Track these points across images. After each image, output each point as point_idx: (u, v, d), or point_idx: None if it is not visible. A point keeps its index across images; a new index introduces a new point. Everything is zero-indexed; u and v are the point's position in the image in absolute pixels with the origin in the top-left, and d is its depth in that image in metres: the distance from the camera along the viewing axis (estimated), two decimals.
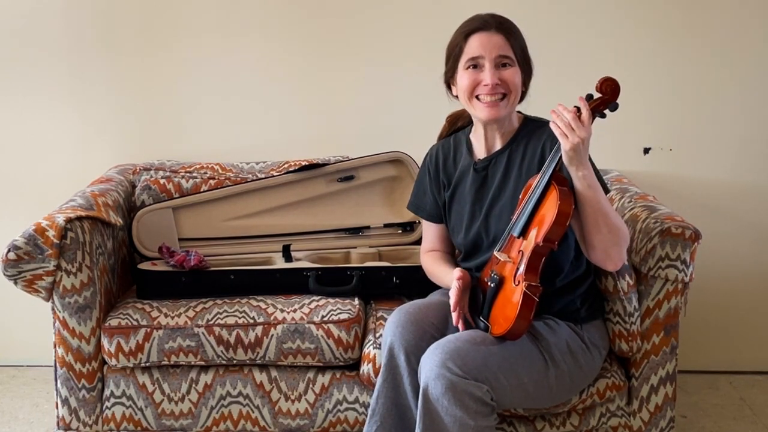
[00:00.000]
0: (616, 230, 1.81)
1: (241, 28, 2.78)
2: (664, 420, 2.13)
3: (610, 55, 2.75)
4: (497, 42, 1.92)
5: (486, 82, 1.91)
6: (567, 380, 1.92)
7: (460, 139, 2.11)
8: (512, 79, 1.92)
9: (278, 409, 2.18)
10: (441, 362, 1.76)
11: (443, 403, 1.75)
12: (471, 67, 1.94)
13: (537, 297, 1.77)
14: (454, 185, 2.08)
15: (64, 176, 2.80)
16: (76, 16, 2.78)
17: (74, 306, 2.12)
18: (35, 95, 2.81)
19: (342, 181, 2.59)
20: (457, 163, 2.09)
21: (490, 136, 2.01)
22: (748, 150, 2.79)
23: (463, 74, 1.95)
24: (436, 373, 1.76)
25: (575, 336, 1.95)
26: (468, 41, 1.94)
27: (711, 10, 2.72)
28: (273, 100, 2.82)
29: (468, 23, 1.97)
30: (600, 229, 1.79)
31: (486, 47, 1.92)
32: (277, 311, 2.19)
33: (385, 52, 2.78)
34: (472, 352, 1.78)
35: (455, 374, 1.74)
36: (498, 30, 1.93)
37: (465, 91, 1.95)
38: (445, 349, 1.78)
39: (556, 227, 1.75)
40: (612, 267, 1.87)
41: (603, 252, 1.82)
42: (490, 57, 1.91)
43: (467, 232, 2.03)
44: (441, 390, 1.75)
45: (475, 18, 1.97)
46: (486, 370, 1.78)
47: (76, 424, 2.19)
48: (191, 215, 2.53)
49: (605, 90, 1.78)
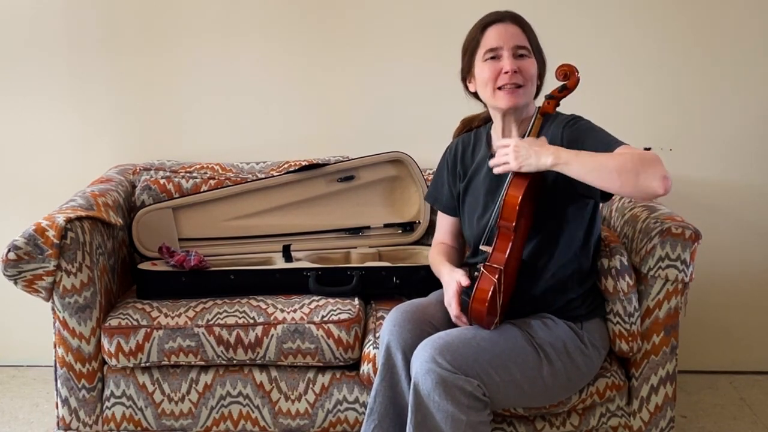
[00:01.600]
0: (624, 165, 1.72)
1: (241, 29, 2.78)
2: (664, 420, 2.13)
3: (610, 55, 2.75)
4: (514, 32, 1.95)
5: (506, 69, 1.92)
6: (564, 379, 1.92)
7: (480, 133, 2.12)
8: (529, 69, 1.95)
9: (278, 409, 2.19)
10: (430, 357, 1.77)
11: (434, 398, 1.76)
12: (490, 58, 1.95)
13: (495, 278, 1.81)
14: (470, 176, 2.09)
15: (64, 176, 2.80)
16: (76, 16, 2.78)
17: (74, 306, 2.13)
18: (35, 95, 2.81)
19: (342, 181, 2.59)
20: (475, 155, 2.10)
21: (507, 127, 2.01)
22: (748, 150, 2.79)
23: (482, 66, 1.97)
24: (425, 368, 1.76)
25: (574, 336, 1.95)
26: (485, 33, 1.97)
27: (711, 11, 2.72)
28: (273, 100, 2.82)
29: (484, 18, 2.01)
30: (614, 177, 1.72)
31: (504, 37, 1.94)
32: (277, 311, 2.19)
33: (385, 53, 2.78)
34: (461, 347, 1.79)
35: (445, 369, 1.75)
36: (514, 22, 1.97)
37: (487, 83, 1.96)
38: (434, 344, 1.80)
39: (507, 210, 1.83)
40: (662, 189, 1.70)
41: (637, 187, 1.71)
42: (508, 46, 1.94)
43: (479, 222, 2.03)
44: (431, 385, 1.75)
45: (491, 13, 2.00)
46: (476, 365, 1.78)
47: (76, 424, 2.19)
48: (191, 215, 2.53)
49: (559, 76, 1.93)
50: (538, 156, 1.80)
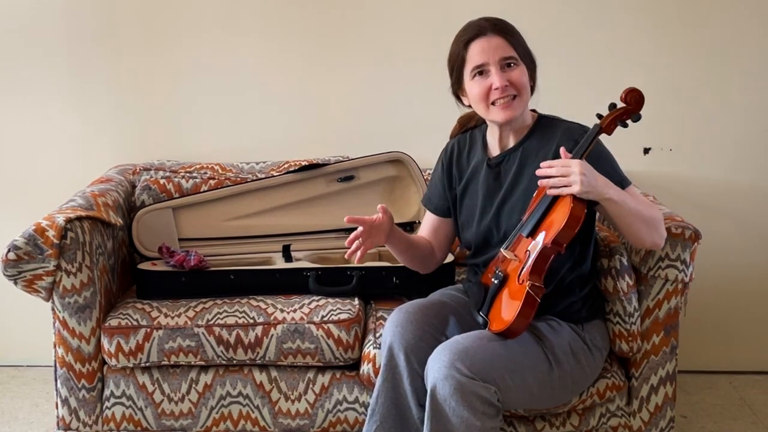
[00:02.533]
0: (651, 219, 1.86)
1: (241, 28, 2.78)
2: (664, 420, 2.13)
3: (611, 54, 2.75)
4: (498, 44, 1.92)
5: (496, 86, 1.90)
6: (569, 381, 1.92)
7: (476, 136, 2.11)
8: (520, 79, 1.92)
9: (278, 409, 2.18)
10: (449, 362, 1.75)
11: (451, 404, 1.75)
12: (477, 74, 1.93)
13: (539, 298, 1.77)
14: (466, 180, 2.08)
15: (64, 176, 2.80)
16: (76, 16, 2.78)
17: (74, 306, 2.12)
18: (35, 95, 2.81)
19: (342, 181, 2.59)
20: (471, 158, 2.09)
21: (504, 135, 2.01)
22: (748, 150, 2.79)
23: (472, 84, 1.95)
24: (444, 373, 1.75)
25: (577, 337, 1.95)
26: (468, 49, 1.94)
27: (711, 11, 2.72)
28: (273, 100, 2.82)
29: (464, 32, 1.97)
30: (639, 227, 1.84)
31: (488, 52, 1.91)
32: (277, 311, 2.19)
33: (385, 53, 2.78)
34: (479, 353, 1.78)
35: (464, 375, 1.74)
36: (495, 32, 1.92)
37: (479, 100, 1.94)
38: (453, 349, 1.78)
39: (566, 231, 1.76)
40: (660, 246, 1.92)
41: (647, 241, 1.88)
42: (494, 60, 1.91)
43: (477, 226, 2.03)
44: (449, 391, 1.75)
45: (470, 25, 1.96)
46: (493, 371, 1.78)
47: (76, 424, 2.19)
48: (191, 215, 2.53)
49: (629, 101, 1.84)
50: (603, 188, 1.77)
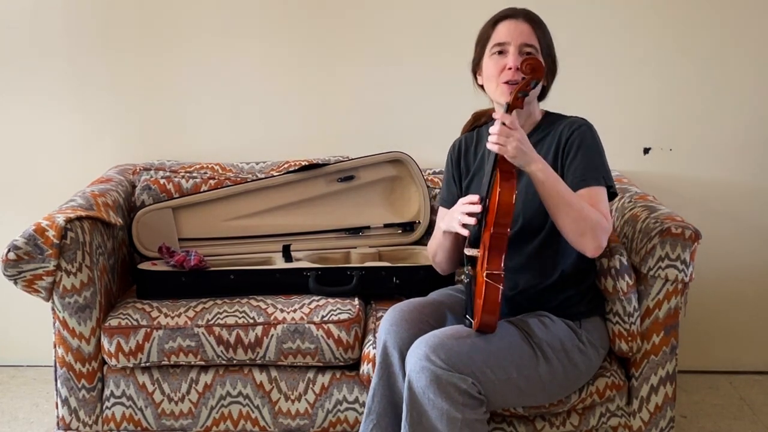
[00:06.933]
0: (581, 220, 1.82)
1: (241, 29, 2.78)
2: (664, 420, 2.13)
3: (610, 54, 2.75)
4: (523, 29, 1.95)
5: (510, 65, 1.92)
6: (561, 377, 1.92)
7: (483, 133, 2.12)
8: None
9: (278, 409, 2.19)
10: (424, 355, 1.77)
11: (429, 396, 1.76)
12: (497, 53, 1.96)
13: (500, 284, 1.78)
14: (473, 173, 2.09)
15: (64, 176, 2.80)
16: (76, 16, 2.78)
17: (74, 306, 2.12)
18: (35, 95, 2.81)
19: (342, 181, 2.59)
20: (478, 152, 2.10)
21: None
22: (748, 150, 2.79)
23: (489, 60, 1.97)
24: (419, 366, 1.76)
25: (572, 334, 1.95)
26: (496, 28, 1.98)
27: (711, 11, 2.72)
28: (273, 99, 2.82)
29: (498, 13, 2.01)
30: (564, 218, 1.83)
31: (512, 33, 1.95)
32: (277, 311, 2.19)
33: (385, 53, 2.78)
34: (455, 345, 1.79)
35: (438, 366, 1.75)
36: (525, 20, 1.97)
37: (491, 77, 1.96)
38: (428, 342, 1.79)
39: (502, 215, 1.79)
40: (589, 254, 1.87)
41: (573, 239, 1.85)
42: (515, 43, 1.94)
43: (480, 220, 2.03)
44: (425, 382, 1.75)
45: (506, 9, 2.01)
46: (471, 363, 1.78)
47: (76, 424, 2.19)
48: (191, 215, 2.53)
49: (525, 69, 1.85)
50: (531, 160, 1.80)
